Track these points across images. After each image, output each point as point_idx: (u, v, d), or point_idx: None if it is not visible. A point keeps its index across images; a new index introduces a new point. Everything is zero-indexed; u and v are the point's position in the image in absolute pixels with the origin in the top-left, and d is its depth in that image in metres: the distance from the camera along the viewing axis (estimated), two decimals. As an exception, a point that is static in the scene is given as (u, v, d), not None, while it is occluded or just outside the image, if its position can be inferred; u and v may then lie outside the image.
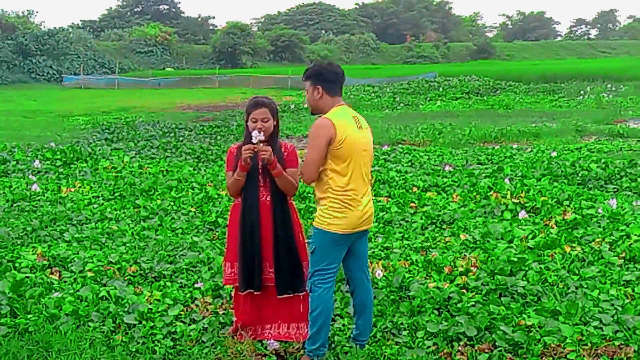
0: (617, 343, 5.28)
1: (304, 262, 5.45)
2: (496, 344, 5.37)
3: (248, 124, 5.33)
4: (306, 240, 5.60)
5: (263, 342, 5.51)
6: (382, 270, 6.98)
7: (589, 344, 5.26)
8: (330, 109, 5.21)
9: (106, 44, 78.30)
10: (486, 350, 5.30)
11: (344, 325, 5.92)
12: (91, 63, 70.79)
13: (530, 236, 8.31)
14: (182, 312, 6.15)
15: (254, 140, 5.16)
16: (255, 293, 5.42)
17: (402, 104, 34.36)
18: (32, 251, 7.91)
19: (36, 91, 51.17)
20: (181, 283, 7.06)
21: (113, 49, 77.06)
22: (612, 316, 5.71)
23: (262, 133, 5.19)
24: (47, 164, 14.68)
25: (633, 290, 6.45)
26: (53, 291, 6.59)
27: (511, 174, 12.68)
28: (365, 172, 5.24)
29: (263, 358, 5.35)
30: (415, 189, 11.43)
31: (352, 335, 5.54)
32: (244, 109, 5.49)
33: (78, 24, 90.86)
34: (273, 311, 5.48)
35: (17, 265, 7.37)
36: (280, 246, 5.35)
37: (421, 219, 9.58)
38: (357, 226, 5.19)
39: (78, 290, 6.59)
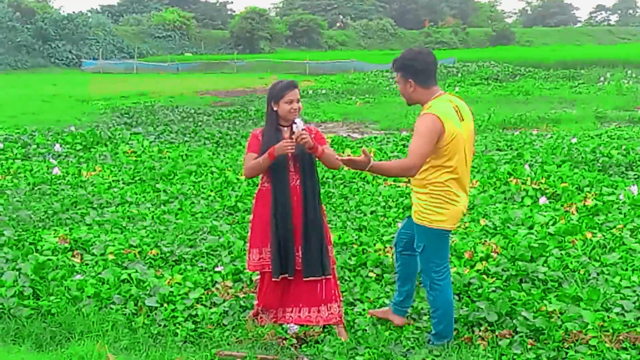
0: (639, 329, 5.26)
1: (329, 246, 5.47)
2: (517, 329, 5.37)
3: (282, 105, 5.28)
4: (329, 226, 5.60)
5: (283, 325, 5.53)
6: (402, 256, 6.98)
7: (611, 330, 5.24)
8: (428, 100, 4.95)
9: (125, 29, 78.37)
10: (507, 336, 5.30)
11: (364, 309, 5.93)
12: (110, 48, 70.94)
13: (550, 222, 8.29)
14: (203, 296, 6.18)
15: (297, 129, 5.13)
16: (289, 278, 5.42)
17: (420, 90, 34.15)
18: (54, 234, 7.98)
19: (55, 75, 51.36)
20: (202, 267, 7.09)
21: (132, 33, 77.13)
22: (634, 302, 5.70)
23: (302, 121, 5.17)
24: (68, 148, 14.76)
25: (655, 277, 6.42)
26: (75, 274, 6.64)
27: (531, 160, 12.61)
28: (469, 167, 5.07)
29: (283, 341, 5.37)
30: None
31: (394, 301, 5.58)
32: (266, 93, 5.46)
33: (97, 9, 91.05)
34: (295, 295, 5.49)
35: (39, 248, 7.44)
36: (310, 229, 5.32)
37: (441, 204, 9.55)
38: (457, 222, 5.12)
39: (100, 273, 6.65)
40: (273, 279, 5.41)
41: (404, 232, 5.44)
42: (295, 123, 5.15)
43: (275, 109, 5.33)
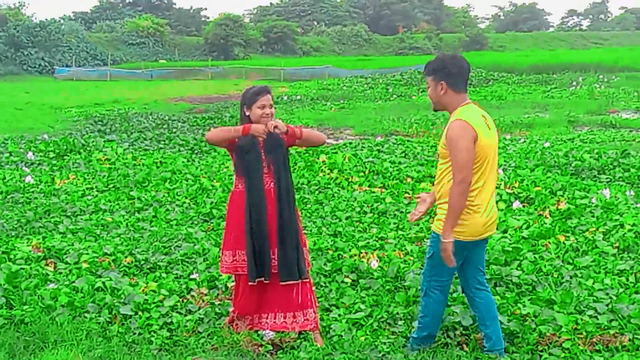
0: (612, 332, 5.31)
1: (304, 248, 5.47)
2: (492, 333, 5.39)
3: (254, 110, 5.29)
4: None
5: (259, 332, 5.52)
6: (377, 261, 7.01)
7: (584, 333, 5.29)
8: (457, 107, 4.87)
9: (98, 36, 77.91)
10: (482, 340, 5.32)
11: (339, 315, 5.94)
12: (83, 55, 70.44)
13: (524, 226, 8.35)
14: (178, 303, 6.15)
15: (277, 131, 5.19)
16: (265, 282, 5.40)
17: (395, 95, 34.33)
18: (27, 243, 7.91)
19: (28, 83, 50.96)
20: (177, 274, 7.06)
21: (105, 40, 76.71)
22: (607, 305, 5.74)
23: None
24: (41, 156, 14.65)
25: (627, 280, 6.50)
26: (48, 282, 6.59)
27: (505, 164, 12.70)
28: (493, 176, 4.91)
29: (259, 348, 5.36)
30: (409, 180, 11.45)
31: (486, 348, 5.17)
32: (240, 99, 5.45)
33: (70, 16, 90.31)
34: (271, 300, 5.48)
35: (12, 256, 7.36)
36: (286, 233, 5.31)
37: (415, 209, 9.58)
38: (481, 233, 4.91)
39: (73, 282, 6.59)
40: (249, 284, 5.39)
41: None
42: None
43: (248, 114, 5.33)
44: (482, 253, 5.18)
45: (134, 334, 5.62)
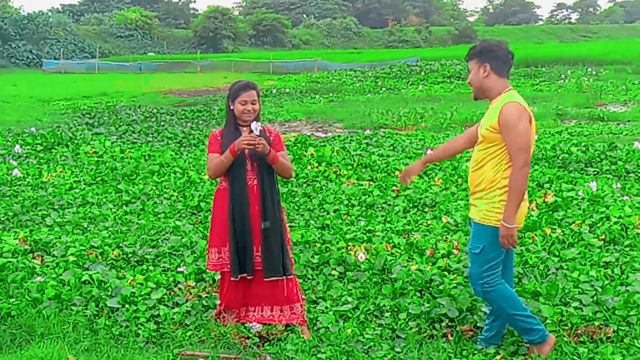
0: (596, 323, 5.34)
1: (288, 245, 5.48)
2: (477, 324, 5.42)
3: (236, 105, 5.29)
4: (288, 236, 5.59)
5: (246, 324, 5.53)
6: (364, 253, 7.02)
7: (569, 325, 5.32)
8: (500, 92, 4.76)
9: (86, 28, 77.64)
10: (468, 332, 5.35)
11: (326, 307, 5.94)
12: (71, 47, 70.25)
13: (511, 219, 8.35)
14: (165, 296, 6.15)
15: (255, 132, 5.12)
16: (248, 278, 5.41)
17: (384, 89, 34.35)
18: (14, 236, 7.88)
19: (16, 76, 50.76)
20: (164, 267, 7.06)
21: (93, 33, 76.45)
22: (592, 297, 5.76)
23: (260, 124, 5.17)
24: (28, 149, 14.59)
25: (612, 272, 6.52)
26: (35, 275, 6.58)
27: (492, 157, 12.70)
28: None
29: (246, 340, 5.37)
30: (397, 173, 11.47)
31: (482, 337, 5.18)
32: (227, 93, 5.45)
33: (57, 8, 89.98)
34: (258, 294, 5.49)
35: (-2, 249, 7.35)
36: (270, 230, 5.32)
37: (403, 202, 9.63)
38: (522, 221, 4.85)
39: (60, 275, 6.59)
40: (232, 279, 5.41)
41: None
42: (252, 127, 5.14)
43: (232, 107, 5.33)
44: None
45: (121, 326, 5.62)
